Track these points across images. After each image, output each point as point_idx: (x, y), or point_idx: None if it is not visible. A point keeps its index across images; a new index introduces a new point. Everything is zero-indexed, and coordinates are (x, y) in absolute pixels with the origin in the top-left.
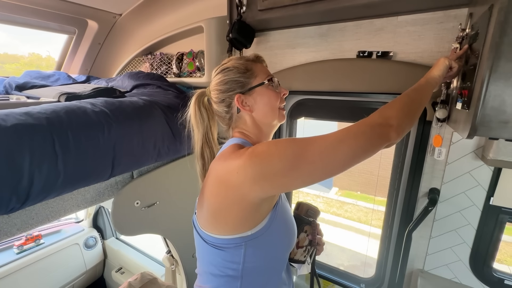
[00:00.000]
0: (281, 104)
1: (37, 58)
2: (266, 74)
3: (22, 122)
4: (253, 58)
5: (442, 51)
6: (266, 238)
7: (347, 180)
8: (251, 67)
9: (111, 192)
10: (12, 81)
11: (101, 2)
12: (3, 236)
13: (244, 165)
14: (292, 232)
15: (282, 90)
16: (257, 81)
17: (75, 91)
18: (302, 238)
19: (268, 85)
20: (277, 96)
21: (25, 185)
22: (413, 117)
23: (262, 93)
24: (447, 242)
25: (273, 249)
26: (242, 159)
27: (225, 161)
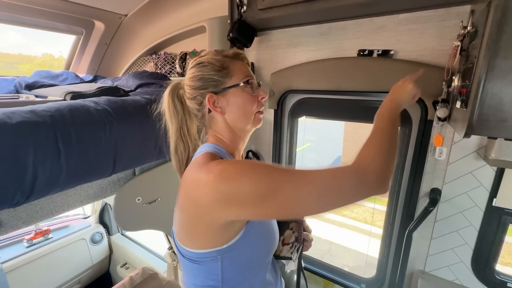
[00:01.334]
0: (259, 108)
1: (50, 58)
2: (243, 74)
3: (27, 119)
4: (231, 55)
5: (444, 49)
6: (242, 249)
7: None
8: (228, 65)
9: (113, 188)
10: (22, 80)
11: (107, 3)
12: (9, 229)
13: (212, 186)
14: (272, 238)
15: (261, 93)
16: (233, 81)
17: (81, 90)
18: (288, 235)
19: (244, 87)
20: (253, 99)
21: (29, 180)
22: (391, 157)
23: (236, 95)
24: (448, 243)
25: (252, 257)
26: (211, 178)
27: (195, 174)
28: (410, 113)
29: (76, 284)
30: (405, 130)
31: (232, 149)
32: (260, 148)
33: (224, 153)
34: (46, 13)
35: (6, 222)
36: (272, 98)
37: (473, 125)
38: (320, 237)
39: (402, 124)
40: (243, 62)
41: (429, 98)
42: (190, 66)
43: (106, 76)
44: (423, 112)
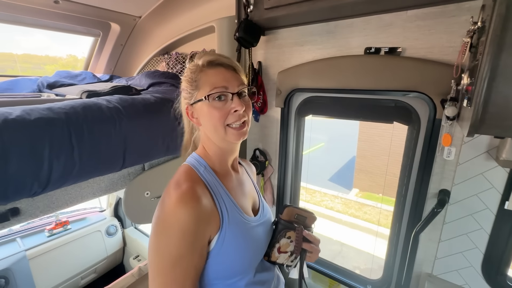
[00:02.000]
0: (231, 120)
1: (73, 59)
2: (211, 86)
3: (44, 116)
4: (203, 63)
5: (454, 46)
6: (217, 260)
7: (368, 182)
8: (197, 77)
9: (123, 182)
10: (44, 80)
11: (122, 6)
12: (28, 217)
13: (153, 223)
14: (251, 250)
15: (234, 105)
16: (200, 94)
17: (96, 89)
18: (285, 243)
19: (212, 99)
20: (220, 114)
21: (45, 172)
22: None
23: (203, 110)
24: (457, 246)
25: (231, 267)
26: (157, 217)
27: (166, 193)
28: (418, 112)
29: (92, 273)
30: (413, 129)
31: (216, 162)
32: (267, 146)
33: (203, 166)
34: (67, 16)
35: (25, 211)
36: (279, 97)
37: (477, 123)
38: (331, 238)
39: (410, 123)
40: (217, 69)
41: (437, 96)
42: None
43: (122, 75)
44: (431, 111)
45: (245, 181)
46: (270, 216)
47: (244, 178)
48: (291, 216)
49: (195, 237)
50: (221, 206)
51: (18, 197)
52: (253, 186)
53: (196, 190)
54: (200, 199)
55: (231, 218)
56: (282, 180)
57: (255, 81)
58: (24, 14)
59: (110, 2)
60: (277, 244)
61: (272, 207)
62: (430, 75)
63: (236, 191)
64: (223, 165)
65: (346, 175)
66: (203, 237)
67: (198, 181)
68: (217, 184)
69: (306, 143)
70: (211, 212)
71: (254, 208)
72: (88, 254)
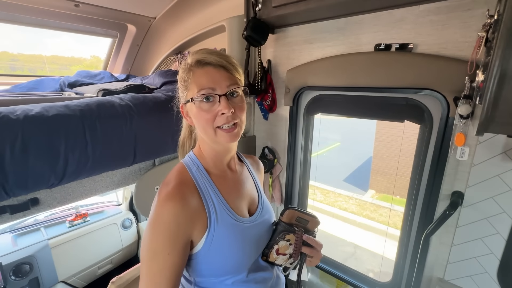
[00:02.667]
0: (219, 123)
1: (96, 60)
2: (198, 87)
3: (60, 112)
4: (191, 62)
5: (469, 40)
6: (206, 260)
7: (385, 183)
8: (187, 76)
9: (134, 177)
10: (66, 80)
11: (138, 8)
12: (46, 207)
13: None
14: (242, 251)
15: (221, 107)
16: (189, 95)
17: (111, 88)
18: (283, 246)
19: (200, 101)
20: (207, 116)
21: (61, 166)
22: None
23: (192, 110)
24: (471, 251)
25: (220, 267)
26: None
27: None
28: (430, 110)
29: (109, 264)
30: (425, 128)
31: (210, 161)
32: (276, 144)
33: (196, 166)
34: (86, 19)
35: (44, 201)
36: (287, 95)
37: (486, 121)
38: (345, 240)
39: (422, 121)
40: (205, 69)
41: (451, 94)
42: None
43: (138, 75)
44: (444, 109)
45: (244, 180)
46: (269, 217)
47: (243, 177)
48: (292, 219)
49: (176, 236)
50: (209, 207)
51: (37, 188)
52: (255, 185)
53: (182, 190)
54: (185, 199)
55: (220, 218)
56: (291, 179)
57: (264, 80)
58: (48, 18)
59: (126, 4)
60: (275, 246)
61: (280, 205)
62: (443, 71)
63: (230, 192)
64: (218, 165)
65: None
66: (184, 236)
67: (187, 181)
68: (208, 184)
69: (320, 143)
70: (197, 212)
71: (252, 208)
72: (105, 245)
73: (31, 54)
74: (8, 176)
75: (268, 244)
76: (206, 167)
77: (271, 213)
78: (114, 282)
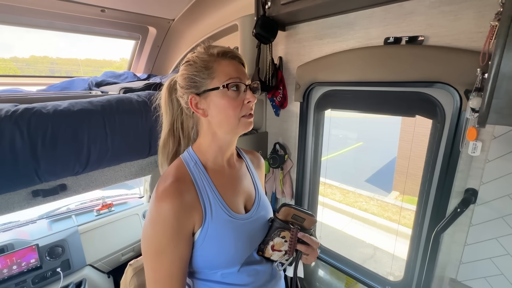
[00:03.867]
0: (244, 112)
1: (125, 62)
2: (227, 76)
3: (84, 108)
4: (217, 53)
5: (483, 31)
6: (198, 253)
7: (410, 185)
8: (212, 65)
9: (150, 168)
10: (93, 79)
11: (158, 10)
12: (73, 192)
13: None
14: (235, 246)
15: (247, 96)
16: (214, 83)
17: (132, 86)
18: (279, 242)
19: (227, 90)
20: (235, 104)
21: (85, 155)
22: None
23: (217, 99)
24: (486, 251)
25: (211, 259)
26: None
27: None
28: (442, 104)
29: (131, 252)
30: (437, 123)
31: (209, 157)
32: (287, 140)
33: (193, 162)
34: (112, 23)
35: (70, 187)
36: (298, 91)
37: (488, 112)
38: (364, 241)
39: (434, 116)
40: (231, 61)
41: (463, 87)
42: (182, 62)
43: (159, 74)
44: (456, 102)
45: (242, 177)
46: (266, 213)
47: (241, 174)
48: (287, 216)
49: (177, 230)
50: (204, 202)
51: (64, 174)
52: (252, 181)
53: (179, 186)
54: (181, 195)
55: (214, 214)
56: (301, 174)
57: (275, 76)
58: (79, 23)
59: (147, 7)
60: (270, 242)
61: (291, 200)
62: (455, 64)
63: (227, 187)
64: (217, 161)
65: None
66: (185, 229)
67: (184, 176)
68: (205, 180)
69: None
70: (193, 207)
71: (248, 204)
72: (127, 234)
73: (67, 58)
74: (40, 163)
75: (263, 240)
76: (204, 163)
77: (267, 210)
78: (132, 264)
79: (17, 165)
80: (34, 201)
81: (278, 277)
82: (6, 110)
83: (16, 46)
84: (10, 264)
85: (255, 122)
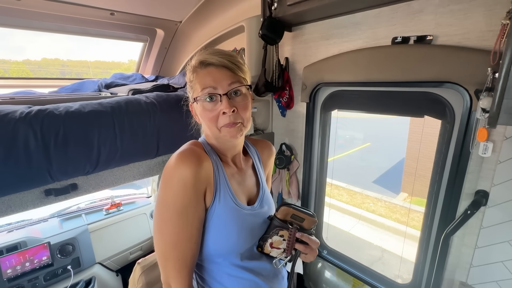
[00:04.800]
0: (222, 122)
1: (133, 63)
2: (202, 86)
3: (95, 109)
4: (195, 63)
5: (494, 29)
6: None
7: (419, 186)
8: (193, 76)
9: (158, 168)
10: (103, 81)
11: (165, 13)
12: (84, 192)
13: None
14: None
15: (223, 107)
16: (194, 94)
17: (140, 88)
18: (277, 240)
19: (203, 100)
20: (211, 116)
21: (95, 155)
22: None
23: (198, 109)
24: (497, 254)
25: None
26: (164, 172)
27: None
28: (452, 104)
29: (139, 251)
30: (446, 123)
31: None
32: (293, 141)
33: (209, 147)
34: (121, 25)
35: (81, 186)
36: (304, 92)
37: (499, 113)
38: (372, 243)
39: (443, 116)
40: (208, 69)
41: (473, 86)
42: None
43: (166, 75)
44: (466, 102)
45: (247, 178)
46: (268, 209)
47: (247, 175)
48: (286, 216)
49: (196, 190)
50: (217, 182)
51: (76, 174)
52: (257, 180)
53: (198, 152)
54: (201, 160)
55: (222, 198)
56: (307, 175)
57: (282, 77)
58: (89, 26)
59: (155, 10)
60: (269, 239)
61: (297, 201)
62: (465, 63)
63: (232, 180)
64: (226, 158)
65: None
66: (202, 192)
67: (202, 151)
68: (219, 164)
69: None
70: (209, 181)
71: (252, 200)
72: (135, 233)
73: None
74: (52, 163)
75: (262, 237)
76: (216, 151)
77: (270, 205)
78: (140, 263)
79: (31, 164)
80: (46, 199)
81: (279, 275)
82: (21, 112)
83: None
84: (23, 261)
85: (261, 123)
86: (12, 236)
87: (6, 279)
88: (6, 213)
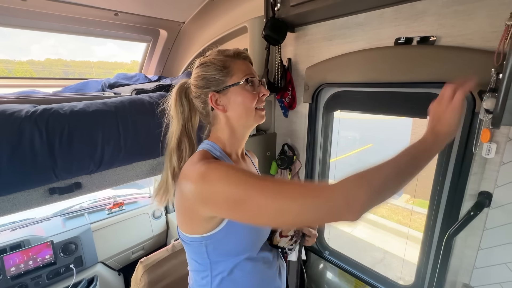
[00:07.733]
0: (259, 104)
1: (136, 64)
2: (244, 73)
3: (99, 109)
4: (232, 54)
5: (498, 30)
6: (223, 240)
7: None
8: (229, 64)
9: (162, 168)
10: (106, 81)
11: (169, 13)
12: (87, 190)
13: (194, 186)
14: (255, 233)
15: (262, 90)
16: (233, 80)
17: (144, 88)
18: (286, 228)
19: (244, 85)
20: (253, 97)
21: (99, 155)
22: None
23: (236, 93)
24: (501, 256)
25: (234, 247)
26: (195, 178)
27: (186, 169)
28: None
29: (141, 250)
30: None
31: (228, 148)
32: (295, 141)
33: (218, 150)
34: (124, 26)
35: (85, 185)
36: (306, 92)
37: (502, 113)
38: (373, 244)
39: None
40: (244, 61)
41: (476, 87)
42: (195, 66)
43: (169, 76)
44: (470, 103)
45: (252, 169)
46: None
47: (251, 167)
48: None
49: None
50: None
51: (80, 173)
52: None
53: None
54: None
55: None
56: (310, 176)
57: (284, 78)
58: (92, 27)
59: (159, 11)
60: (279, 229)
61: None
62: (468, 64)
63: None
64: (234, 151)
65: None
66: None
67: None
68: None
69: (351, 144)
70: None
71: None
72: (137, 232)
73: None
74: (57, 161)
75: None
76: (225, 151)
77: None
78: (142, 262)
79: (36, 163)
80: (50, 198)
81: (282, 268)
82: (27, 111)
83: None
84: (27, 260)
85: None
86: (16, 234)
87: (10, 277)
88: (11, 211)
